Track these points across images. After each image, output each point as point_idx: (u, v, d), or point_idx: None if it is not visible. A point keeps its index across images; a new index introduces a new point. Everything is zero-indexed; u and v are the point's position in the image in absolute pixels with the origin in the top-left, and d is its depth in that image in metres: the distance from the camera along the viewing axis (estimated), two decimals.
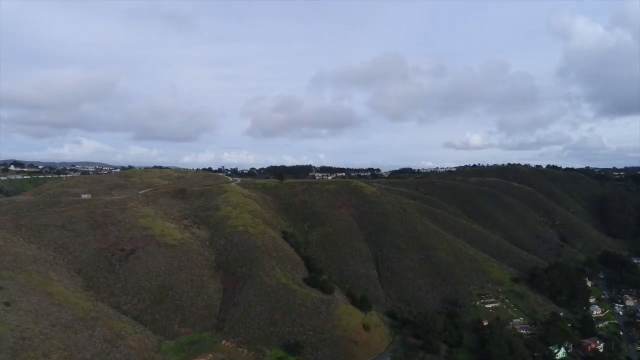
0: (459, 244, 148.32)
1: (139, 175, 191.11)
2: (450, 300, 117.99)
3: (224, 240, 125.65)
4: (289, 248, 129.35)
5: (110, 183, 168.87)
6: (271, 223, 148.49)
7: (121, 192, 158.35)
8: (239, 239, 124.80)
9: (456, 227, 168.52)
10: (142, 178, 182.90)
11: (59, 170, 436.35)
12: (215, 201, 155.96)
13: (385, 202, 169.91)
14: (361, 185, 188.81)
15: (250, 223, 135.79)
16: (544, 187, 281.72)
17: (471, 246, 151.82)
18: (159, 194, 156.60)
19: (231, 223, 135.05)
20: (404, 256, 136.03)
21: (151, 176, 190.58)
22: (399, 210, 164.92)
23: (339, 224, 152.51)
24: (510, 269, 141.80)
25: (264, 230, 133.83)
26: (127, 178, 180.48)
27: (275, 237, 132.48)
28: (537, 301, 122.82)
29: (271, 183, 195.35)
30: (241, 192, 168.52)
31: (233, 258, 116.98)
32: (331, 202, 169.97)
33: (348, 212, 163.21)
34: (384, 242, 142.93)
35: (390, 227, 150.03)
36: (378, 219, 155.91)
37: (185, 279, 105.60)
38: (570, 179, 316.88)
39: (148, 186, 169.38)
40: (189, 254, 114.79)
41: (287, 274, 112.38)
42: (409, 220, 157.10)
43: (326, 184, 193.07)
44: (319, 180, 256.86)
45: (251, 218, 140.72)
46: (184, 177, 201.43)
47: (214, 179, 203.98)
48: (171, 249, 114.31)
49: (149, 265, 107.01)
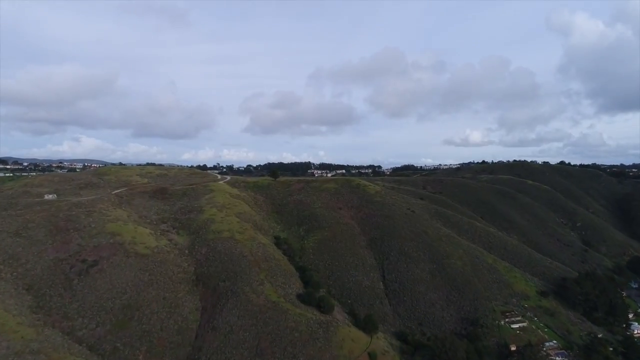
0: (476, 251, 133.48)
1: (115, 173, 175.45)
2: (469, 319, 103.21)
3: (206, 248, 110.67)
4: (281, 257, 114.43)
5: (82, 182, 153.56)
6: (262, 227, 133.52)
7: (92, 192, 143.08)
8: (224, 246, 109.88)
9: (470, 231, 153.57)
10: (118, 176, 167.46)
11: (44, 168, 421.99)
12: (199, 202, 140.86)
13: (391, 203, 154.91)
14: (364, 183, 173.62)
15: (237, 228, 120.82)
16: (559, 185, 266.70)
17: (489, 253, 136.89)
18: (135, 194, 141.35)
19: (215, 228, 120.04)
20: (414, 265, 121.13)
21: (129, 174, 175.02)
22: (407, 211, 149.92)
23: (339, 228, 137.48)
24: (534, 280, 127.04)
25: (253, 236, 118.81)
26: (101, 176, 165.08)
27: (266, 244, 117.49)
28: (570, 319, 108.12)
29: (264, 181, 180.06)
30: (229, 192, 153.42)
31: (215, 270, 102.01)
32: (330, 202, 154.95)
33: (349, 214, 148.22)
34: (391, 249, 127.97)
35: (397, 232, 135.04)
36: (383, 222, 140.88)
37: (156, 297, 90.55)
38: (587, 176, 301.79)
39: (124, 185, 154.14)
40: (163, 266, 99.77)
41: (279, 289, 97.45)
42: (418, 223, 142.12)
43: (325, 182, 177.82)
44: (318, 178, 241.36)
45: (239, 222, 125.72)
46: (167, 174, 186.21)
47: (201, 176, 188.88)
48: (142, 259, 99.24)
49: (114, 279, 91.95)
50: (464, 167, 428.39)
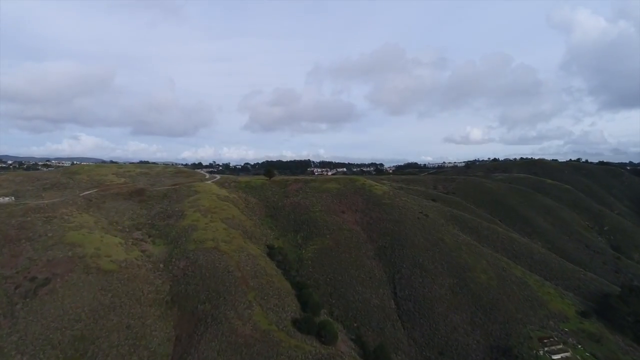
0: (501, 261, 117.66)
1: (87, 171, 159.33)
2: (500, 348, 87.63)
3: (185, 261, 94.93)
4: (274, 271, 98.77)
5: (47, 182, 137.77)
6: (253, 235, 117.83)
7: (57, 193, 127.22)
8: (206, 259, 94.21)
9: (492, 237, 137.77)
10: (91, 175, 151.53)
11: (29, 166, 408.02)
12: (181, 205, 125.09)
13: (401, 206, 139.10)
14: (369, 183, 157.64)
15: (223, 236, 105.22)
16: (579, 184, 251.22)
17: (515, 264, 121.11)
18: (107, 196, 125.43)
19: (197, 236, 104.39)
20: (431, 280, 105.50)
21: (104, 173, 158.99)
22: (420, 215, 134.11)
23: (343, 235, 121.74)
24: (570, 296, 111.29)
25: (241, 245, 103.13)
26: (72, 175, 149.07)
27: (256, 255, 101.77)
28: (620, 346, 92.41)
29: (257, 181, 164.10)
30: (217, 194, 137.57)
31: (194, 289, 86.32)
32: (332, 205, 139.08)
33: (354, 219, 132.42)
34: (403, 260, 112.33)
35: (409, 239, 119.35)
36: (393, 227, 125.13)
37: (118, 325, 74.79)
38: (609, 175, 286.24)
39: (96, 185, 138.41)
40: (130, 284, 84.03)
41: (270, 314, 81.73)
42: (433, 229, 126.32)
43: (326, 181, 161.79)
44: (317, 177, 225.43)
45: (225, 229, 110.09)
46: (149, 173, 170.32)
47: (187, 176, 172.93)
48: (105, 276, 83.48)
49: (67, 303, 76.15)
50: (472, 164, 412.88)
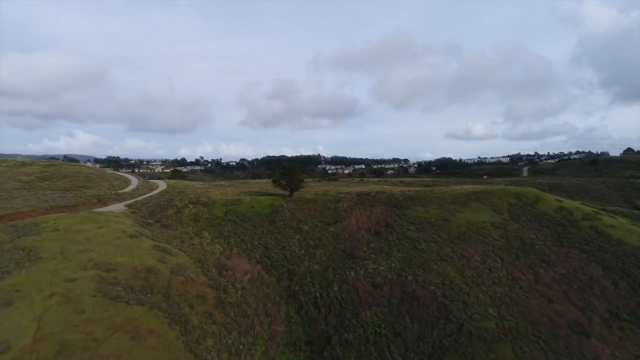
0: None
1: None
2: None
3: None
4: None
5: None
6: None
7: None
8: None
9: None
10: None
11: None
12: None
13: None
14: (578, 207, 58.88)
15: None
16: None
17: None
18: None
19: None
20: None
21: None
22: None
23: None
24: None
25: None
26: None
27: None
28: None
29: (262, 202, 62.72)
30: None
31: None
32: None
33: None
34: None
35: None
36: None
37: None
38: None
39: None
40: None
41: None
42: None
43: (426, 202, 61.86)
44: (380, 184, 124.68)
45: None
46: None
47: (83, 180, 70.12)
48: None
49: None
50: (527, 159, 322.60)
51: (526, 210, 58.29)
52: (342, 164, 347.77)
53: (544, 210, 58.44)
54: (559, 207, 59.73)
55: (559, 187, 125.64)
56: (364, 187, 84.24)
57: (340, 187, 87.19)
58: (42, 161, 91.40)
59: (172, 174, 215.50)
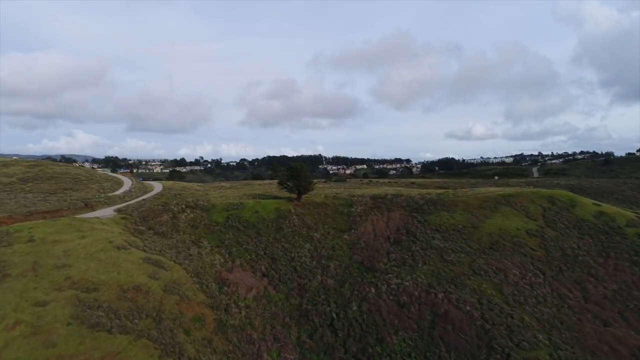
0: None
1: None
2: None
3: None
4: None
5: None
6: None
7: None
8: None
9: None
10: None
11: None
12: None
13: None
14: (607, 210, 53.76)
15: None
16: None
17: None
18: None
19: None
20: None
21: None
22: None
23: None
24: None
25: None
26: None
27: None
28: None
29: (267, 206, 57.55)
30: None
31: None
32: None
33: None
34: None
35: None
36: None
37: None
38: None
39: None
40: None
41: None
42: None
43: (453, 201, 56.91)
44: (397, 189, 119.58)
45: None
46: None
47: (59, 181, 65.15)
48: None
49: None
50: (535, 160, 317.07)
51: (562, 216, 53.01)
52: (344, 164, 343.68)
53: (582, 216, 53.19)
54: (599, 212, 54.48)
55: (579, 189, 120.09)
56: (376, 189, 79.03)
57: (350, 189, 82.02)
58: (26, 161, 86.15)
59: (171, 174, 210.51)
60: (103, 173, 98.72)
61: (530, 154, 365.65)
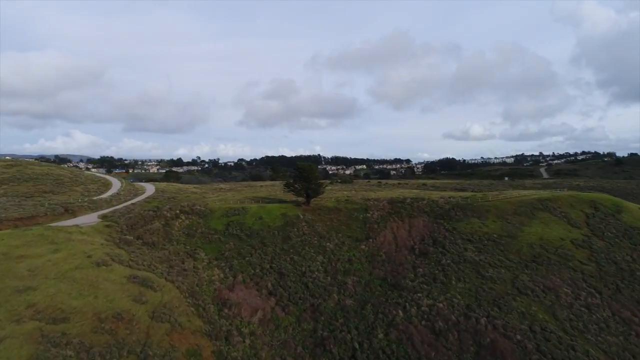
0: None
1: None
2: None
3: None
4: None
5: None
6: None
7: None
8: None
9: None
10: None
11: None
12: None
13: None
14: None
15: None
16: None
17: None
18: None
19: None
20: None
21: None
22: None
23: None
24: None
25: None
26: None
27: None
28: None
29: (272, 212, 52.01)
30: None
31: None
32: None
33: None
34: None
35: None
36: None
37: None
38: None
39: None
40: None
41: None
42: None
43: (487, 206, 51.38)
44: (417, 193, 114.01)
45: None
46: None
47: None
48: None
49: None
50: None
51: (609, 223, 47.55)
52: (343, 164, 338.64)
53: (631, 223, 47.74)
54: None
55: (601, 191, 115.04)
56: (390, 191, 73.51)
57: (361, 191, 76.50)
58: (3, 160, 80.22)
59: (166, 175, 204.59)
60: (90, 174, 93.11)
61: (531, 154, 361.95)
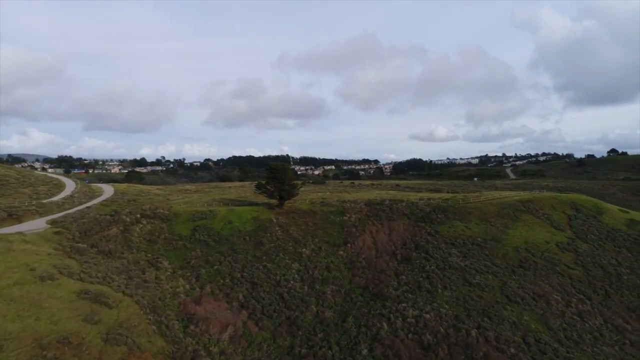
0: None
1: None
2: None
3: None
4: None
5: None
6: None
7: None
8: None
9: None
10: None
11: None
12: None
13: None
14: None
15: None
16: None
17: None
18: None
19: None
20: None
21: None
22: None
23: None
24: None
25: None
26: None
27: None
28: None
29: (242, 215, 48.62)
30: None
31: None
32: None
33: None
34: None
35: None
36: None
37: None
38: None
39: None
40: None
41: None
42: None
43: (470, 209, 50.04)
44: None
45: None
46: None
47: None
48: None
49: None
50: (511, 162, 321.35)
51: (591, 225, 47.23)
52: (312, 164, 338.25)
53: (612, 225, 47.61)
54: (629, 219, 49.16)
55: (571, 192, 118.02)
56: (366, 193, 71.60)
57: (337, 192, 74.22)
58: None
59: (128, 175, 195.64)
60: (42, 174, 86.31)
61: (494, 155, 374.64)
